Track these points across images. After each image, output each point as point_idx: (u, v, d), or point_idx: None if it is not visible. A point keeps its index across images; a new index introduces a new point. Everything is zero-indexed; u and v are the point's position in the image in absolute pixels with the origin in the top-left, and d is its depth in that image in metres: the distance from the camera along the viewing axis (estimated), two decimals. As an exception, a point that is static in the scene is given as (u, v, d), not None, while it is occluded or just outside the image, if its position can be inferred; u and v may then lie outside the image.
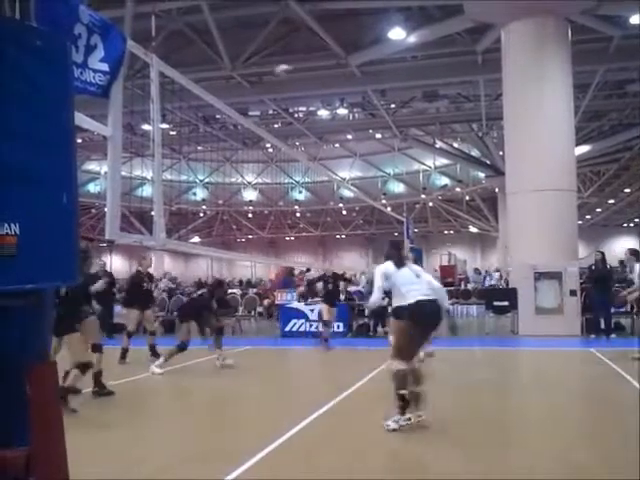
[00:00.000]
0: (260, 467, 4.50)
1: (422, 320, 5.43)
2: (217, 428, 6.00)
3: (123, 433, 5.73)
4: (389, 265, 5.73)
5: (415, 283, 5.55)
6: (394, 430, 5.25)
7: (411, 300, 5.43)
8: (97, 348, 7.31)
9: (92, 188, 40.44)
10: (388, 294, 6.05)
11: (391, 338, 9.82)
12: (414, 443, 5.16)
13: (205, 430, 5.88)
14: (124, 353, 10.38)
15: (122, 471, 4.52)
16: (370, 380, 8.33)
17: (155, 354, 10.97)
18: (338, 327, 14.63)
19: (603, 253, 13.93)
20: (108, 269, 18.70)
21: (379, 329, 14.77)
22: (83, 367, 6.45)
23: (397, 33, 16.13)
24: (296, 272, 19.38)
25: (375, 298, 5.75)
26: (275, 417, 6.32)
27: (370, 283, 12.59)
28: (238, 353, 11.62)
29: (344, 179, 42.73)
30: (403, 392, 5.31)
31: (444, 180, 42.59)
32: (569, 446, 5.01)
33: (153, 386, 8.60)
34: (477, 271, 31.58)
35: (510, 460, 4.69)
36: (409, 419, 5.32)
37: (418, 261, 11.98)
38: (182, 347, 9.14)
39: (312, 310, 14.98)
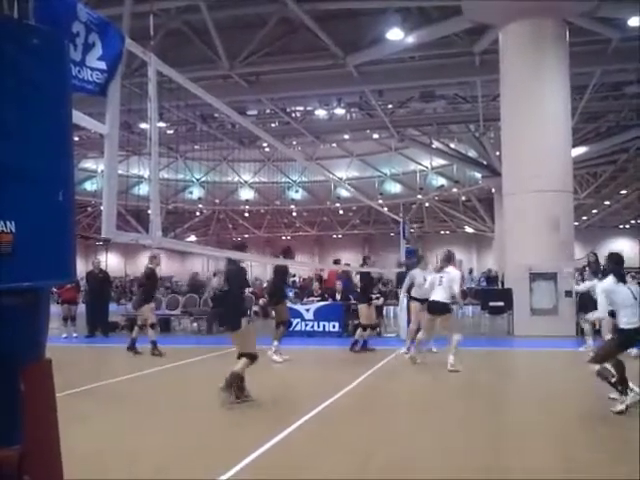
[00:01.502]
0: (256, 466, 4.50)
1: (628, 346, 6.25)
2: (217, 427, 6.00)
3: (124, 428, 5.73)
4: (610, 281, 6.12)
5: (631, 306, 5.96)
6: (620, 412, 5.88)
7: (622, 326, 6.02)
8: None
9: (89, 186, 40.41)
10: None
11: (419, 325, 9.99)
12: (414, 441, 5.17)
13: (204, 428, 5.87)
14: (155, 346, 11.24)
15: (121, 470, 4.52)
16: (366, 379, 8.35)
17: (133, 349, 11.42)
18: (334, 327, 14.65)
19: (597, 254, 13.94)
20: (104, 267, 18.78)
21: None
22: (252, 357, 6.93)
23: (395, 34, 16.14)
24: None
25: (601, 315, 6.35)
26: (272, 417, 6.32)
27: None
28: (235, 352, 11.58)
29: (341, 179, 42.73)
30: (614, 380, 6.00)
31: (441, 180, 42.63)
32: (568, 446, 5.03)
33: (153, 383, 8.59)
34: (470, 271, 31.95)
35: (509, 460, 4.70)
36: (624, 400, 5.93)
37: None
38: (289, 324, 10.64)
39: (307, 310, 14.99)
